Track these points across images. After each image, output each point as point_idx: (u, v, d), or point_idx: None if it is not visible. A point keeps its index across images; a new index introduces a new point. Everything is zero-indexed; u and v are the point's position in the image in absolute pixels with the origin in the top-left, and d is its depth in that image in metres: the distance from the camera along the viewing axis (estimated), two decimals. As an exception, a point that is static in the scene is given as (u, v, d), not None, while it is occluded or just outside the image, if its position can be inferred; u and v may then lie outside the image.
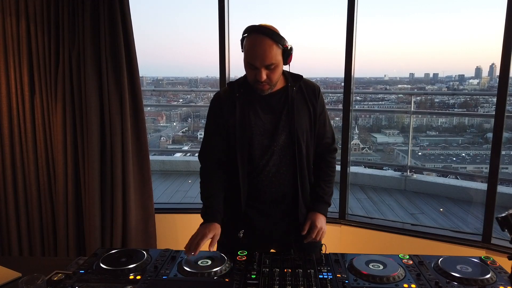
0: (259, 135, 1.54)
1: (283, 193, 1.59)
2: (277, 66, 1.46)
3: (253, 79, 1.47)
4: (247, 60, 1.46)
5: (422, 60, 8.44)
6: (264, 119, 1.55)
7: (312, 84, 1.62)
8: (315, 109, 1.58)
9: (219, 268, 1.34)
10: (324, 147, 1.67)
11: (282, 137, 1.55)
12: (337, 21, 2.78)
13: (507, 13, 2.18)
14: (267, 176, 1.56)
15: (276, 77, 1.48)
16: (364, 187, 4.98)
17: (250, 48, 1.43)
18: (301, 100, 1.57)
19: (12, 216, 2.64)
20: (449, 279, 1.29)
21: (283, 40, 1.45)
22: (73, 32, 2.45)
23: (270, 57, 1.42)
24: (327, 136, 1.66)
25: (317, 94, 1.60)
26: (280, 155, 1.56)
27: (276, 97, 1.56)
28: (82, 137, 2.54)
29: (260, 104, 1.55)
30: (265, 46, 1.41)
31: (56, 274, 1.33)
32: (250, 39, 1.44)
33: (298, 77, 1.60)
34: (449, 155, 6.35)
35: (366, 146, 6.73)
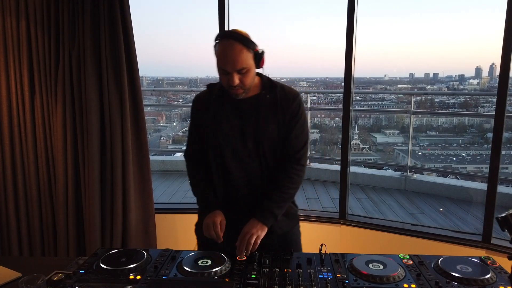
0: (228, 140, 1.57)
1: (250, 197, 1.60)
2: (249, 70, 1.47)
3: (226, 84, 1.49)
4: (219, 65, 1.47)
5: (422, 60, 8.45)
6: (233, 124, 1.57)
7: (290, 92, 1.60)
8: (285, 117, 1.56)
9: (219, 268, 1.34)
10: (287, 154, 1.59)
11: (250, 144, 1.56)
12: (337, 21, 2.78)
13: (507, 13, 2.18)
14: (236, 181, 1.59)
15: (248, 81, 1.50)
16: (364, 187, 4.98)
17: (221, 53, 1.45)
18: (272, 108, 1.56)
19: (12, 216, 2.64)
20: (449, 279, 1.29)
21: (253, 44, 1.47)
22: (73, 32, 2.45)
23: (241, 62, 1.43)
24: (292, 144, 1.59)
25: (290, 102, 1.57)
26: (248, 161, 1.58)
27: (248, 103, 1.57)
28: (82, 137, 2.54)
29: (231, 108, 1.58)
30: (235, 50, 1.43)
31: (56, 274, 1.33)
32: (221, 44, 1.46)
33: (274, 85, 1.60)
34: (449, 155, 6.36)
35: (366, 146, 6.73)
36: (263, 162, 1.58)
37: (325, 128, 6.98)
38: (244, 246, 1.44)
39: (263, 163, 1.58)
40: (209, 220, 1.54)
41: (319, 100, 6.42)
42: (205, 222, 1.55)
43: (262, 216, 1.53)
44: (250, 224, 1.51)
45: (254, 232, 1.47)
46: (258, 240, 1.47)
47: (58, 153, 2.55)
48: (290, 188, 1.60)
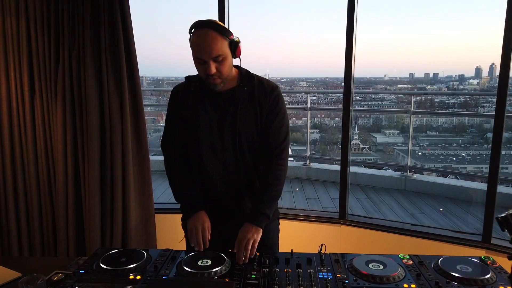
0: (206, 132, 1.56)
1: (227, 194, 1.60)
2: (225, 58, 1.46)
3: (203, 74, 1.48)
4: (195, 55, 1.46)
5: (422, 60, 8.45)
6: (211, 116, 1.56)
7: (268, 85, 1.58)
8: (262, 110, 1.54)
9: (219, 268, 1.34)
10: (268, 149, 1.58)
11: (227, 137, 1.55)
12: (337, 21, 2.78)
13: (507, 13, 2.18)
14: (212, 176, 1.59)
15: (226, 70, 1.48)
16: (364, 187, 4.98)
17: (196, 42, 1.44)
18: (250, 100, 1.55)
19: (12, 216, 2.64)
20: (449, 279, 1.29)
21: (228, 32, 1.46)
22: (73, 32, 2.45)
23: (216, 49, 1.42)
24: (272, 137, 1.57)
25: (268, 95, 1.55)
26: (225, 154, 1.57)
27: (225, 95, 1.56)
28: (82, 137, 2.53)
29: (209, 101, 1.57)
30: (209, 38, 1.42)
31: (56, 274, 1.33)
32: (195, 34, 1.44)
33: (251, 77, 1.58)
34: (449, 155, 6.36)
35: (366, 146, 6.73)
36: (240, 156, 1.55)
37: (325, 128, 6.98)
38: (242, 253, 1.43)
39: (239, 157, 1.55)
40: (194, 225, 1.52)
41: (319, 100, 6.42)
42: (190, 227, 1.53)
43: (255, 219, 1.52)
44: (244, 229, 1.51)
45: (249, 237, 1.46)
46: (255, 244, 1.47)
47: (58, 153, 2.55)
48: (277, 185, 1.59)
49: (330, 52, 8.38)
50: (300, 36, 10.49)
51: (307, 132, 5.37)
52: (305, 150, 5.47)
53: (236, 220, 1.57)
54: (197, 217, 1.55)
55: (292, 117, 7.02)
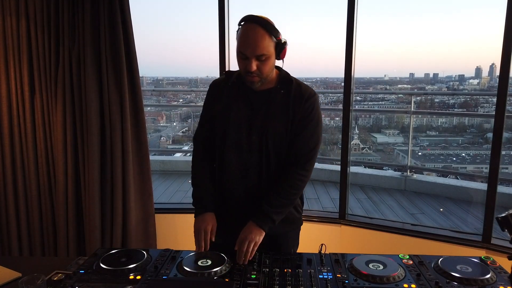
0: (234, 129, 1.53)
1: (247, 194, 1.56)
2: (269, 58, 1.42)
3: (243, 69, 1.45)
4: (238, 49, 1.43)
5: (422, 60, 8.44)
6: (242, 114, 1.53)
7: (306, 90, 1.53)
8: (295, 115, 1.50)
9: (219, 268, 1.33)
10: (293, 156, 1.53)
11: (254, 137, 1.52)
12: (337, 21, 2.78)
13: (507, 13, 2.18)
14: (235, 173, 1.55)
15: (267, 70, 1.45)
16: (364, 187, 4.98)
17: (242, 36, 1.41)
18: (284, 104, 1.51)
19: (12, 216, 2.64)
20: (449, 279, 1.29)
21: (276, 32, 1.42)
22: (73, 32, 2.45)
23: (261, 47, 1.39)
24: (300, 145, 1.52)
25: (303, 101, 1.50)
26: (249, 154, 1.53)
27: (260, 95, 1.53)
28: (82, 137, 2.53)
29: (244, 98, 1.54)
30: (257, 35, 1.38)
31: (56, 274, 1.33)
32: (243, 28, 1.42)
33: (289, 81, 1.54)
34: (449, 155, 6.35)
35: (366, 146, 6.73)
36: (264, 159, 1.52)
37: (325, 128, 6.96)
38: (242, 254, 1.41)
39: (264, 159, 1.52)
40: (201, 225, 1.51)
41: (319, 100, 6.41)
42: (195, 227, 1.53)
43: (259, 220, 1.48)
44: (247, 228, 1.48)
45: (251, 238, 1.43)
46: (256, 247, 1.44)
47: (58, 153, 2.55)
48: (291, 194, 1.54)
49: (330, 52, 8.38)
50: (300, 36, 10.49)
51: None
52: (305, 150, 5.45)
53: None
54: (203, 218, 1.54)
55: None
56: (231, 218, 1.59)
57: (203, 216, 1.55)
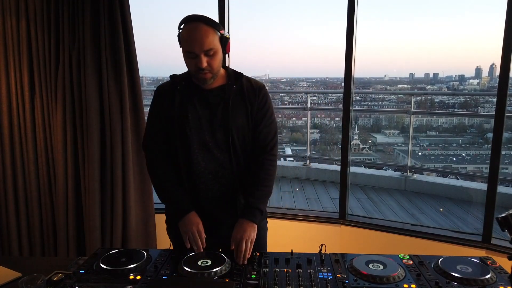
0: (196, 130, 1.54)
1: (221, 192, 1.59)
2: (216, 53, 1.45)
3: (194, 68, 1.46)
4: (185, 49, 1.45)
5: (422, 60, 8.44)
6: (201, 114, 1.54)
7: (256, 83, 1.60)
8: (252, 107, 1.56)
9: (219, 268, 1.33)
10: (259, 145, 1.59)
11: (219, 134, 1.54)
12: (337, 21, 2.78)
13: (507, 13, 2.18)
14: (205, 172, 1.56)
15: (216, 65, 1.47)
16: (364, 187, 4.98)
17: (187, 35, 1.43)
18: (239, 98, 1.55)
19: (12, 216, 2.65)
20: (449, 279, 1.29)
21: (219, 27, 1.45)
22: (73, 32, 2.45)
23: (208, 42, 1.41)
24: (263, 134, 1.59)
25: (257, 93, 1.57)
26: (217, 152, 1.55)
27: (214, 93, 1.55)
28: (82, 137, 2.54)
29: (198, 98, 1.55)
30: (201, 31, 1.41)
31: (56, 274, 1.33)
32: (186, 28, 1.44)
33: (240, 75, 1.59)
34: (449, 155, 6.35)
35: (366, 146, 6.73)
36: (233, 154, 1.54)
37: (325, 128, 6.98)
38: (241, 254, 1.42)
39: (232, 155, 1.54)
40: (189, 228, 1.50)
41: (319, 100, 6.42)
42: (185, 230, 1.51)
43: (249, 215, 1.51)
44: (240, 227, 1.49)
45: (247, 236, 1.45)
46: (252, 243, 1.46)
47: (58, 153, 2.55)
48: (269, 181, 1.59)
49: (330, 52, 8.38)
50: (300, 36, 10.49)
51: (307, 132, 5.38)
52: (305, 150, 5.47)
53: (231, 219, 1.56)
54: (190, 219, 1.53)
55: (292, 117, 7.02)
56: (208, 218, 1.59)
57: (188, 218, 1.53)
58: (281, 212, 2.91)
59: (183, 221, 1.53)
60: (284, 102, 6.72)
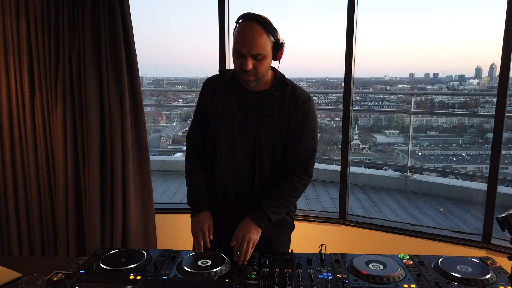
0: (226, 129, 1.50)
1: (238, 198, 1.54)
2: (265, 58, 1.40)
3: (239, 68, 1.42)
4: (234, 47, 1.40)
5: (422, 60, 8.44)
6: (235, 115, 1.50)
7: (300, 93, 1.51)
8: (290, 120, 1.48)
9: (219, 268, 1.33)
10: (292, 164, 1.52)
11: (247, 139, 1.49)
12: (337, 21, 2.78)
13: (507, 13, 2.18)
14: (225, 174, 1.53)
15: (263, 70, 1.42)
16: (364, 187, 4.98)
17: (239, 34, 1.38)
18: (278, 107, 1.48)
19: (12, 216, 2.64)
20: (449, 279, 1.29)
21: (275, 32, 1.39)
22: (73, 32, 2.45)
23: (258, 46, 1.36)
24: (299, 153, 1.51)
25: (298, 106, 1.48)
26: (242, 157, 1.50)
27: (254, 97, 1.50)
28: (82, 137, 2.53)
29: (237, 98, 1.51)
30: (254, 33, 1.36)
31: (56, 274, 1.33)
32: (241, 25, 1.39)
33: (284, 84, 1.51)
34: (449, 155, 6.35)
35: (366, 146, 6.73)
36: (258, 162, 1.49)
37: (325, 128, 6.98)
38: (242, 253, 1.40)
39: (257, 162, 1.49)
40: (197, 226, 1.52)
41: (319, 100, 6.42)
42: (194, 227, 1.53)
43: (256, 217, 1.46)
44: (245, 226, 1.46)
45: (249, 238, 1.42)
46: (253, 246, 1.44)
47: (58, 153, 2.55)
48: (291, 196, 1.52)
49: (330, 53, 8.38)
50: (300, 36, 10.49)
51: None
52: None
53: None
54: (199, 218, 1.54)
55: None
56: (222, 219, 1.58)
57: (199, 217, 1.55)
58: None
59: (195, 219, 1.55)
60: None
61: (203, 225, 1.51)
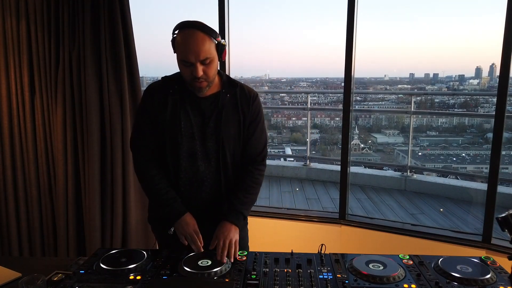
0: (187, 137, 1.51)
1: (207, 201, 1.57)
2: (212, 61, 1.42)
3: (189, 77, 1.43)
4: (181, 57, 1.41)
5: (422, 60, 8.44)
6: (193, 122, 1.51)
7: (249, 91, 1.57)
8: (245, 117, 1.54)
9: (219, 268, 1.34)
10: (250, 156, 1.60)
11: (209, 143, 1.52)
12: (337, 21, 2.78)
13: (507, 13, 2.18)
14: (192, 180, 1.55)
15: (212, 73, 1.45)
16: (364, 187, 4.98)
17: (183, 43, 1.39)
18: (233, 107, 1.53)
19: (12, 216, 2.65)
20: (449, 279, 1.29)
21: (215, 34, 1.42)
22: (73, 32, 2.45)
23: (204, 51, 1.38)
24: (255, 145, 1.59)
25: (250, 102, 1.55)
26: (206, 161, 1.53)
27: (208, 101, 1.52)
28: (82, 137, 2.54)
29: (191, 105, 1.52)
30: (198, 39, 1.37)
31: (56, 274, 1.33)
32: (182, 35, 1.40)
33: (234, 84, 1.56)
34: (449, 155, 6.35)
35: (366, 146, 6.73)
36: (222, 164, 1.54)
37: (325, 128, 6.98)
38: (226, 252, 1.41)
39: (221, 164, 1.54)
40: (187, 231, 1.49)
41: (319, 100, 6.43)
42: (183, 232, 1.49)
43: (233, 218, 1.52)
44: (224, 227, 1.49)
45: (230, 238, 1.45)
46: (237, 243, 1.47)
47: (58, 153, 2.55)
48: (255, 189, 1.60)
49: (330, 52, 8.38)
50: (300, 36, 10.49)
51: (307, 132, 5.38)
52: (305, 150, 5.48)
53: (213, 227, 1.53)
54: (186, 221, 1.51)
55: (292, 117, 7.02)
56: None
57: (184, 220, 1.52)
58: (281, 212, 2.92)
59: (180, 223, 1.51)
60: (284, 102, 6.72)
61: (194, 227, 1.51)
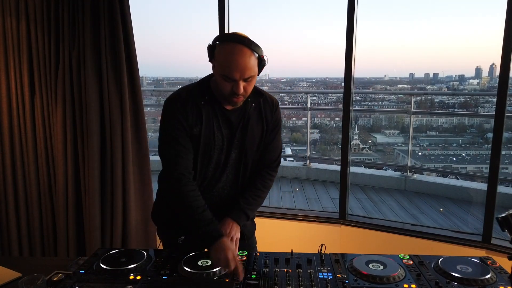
0: (218, 150, 1.50)
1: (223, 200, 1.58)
2: (254, 78, 1.39)
3: (229, 92, 1.38)
4: (222, 72, 1.35)
5: (422, 60, 8.44)
6: (224, 134, 1.49)
7: (271, 99, 1.58)
8: (268, 125, 1.55)
9: (219, 268, 1.33)
10: (266, 162, 1.61)
11: (233, 154, 1.53)
12: (337, 21, 2.78)
13: (507, 13, 2.18)
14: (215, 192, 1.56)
15: (251, 89, 1.42)
16: (364, 187, 4.98)
17: (228, 59, 1.33)
18: (257, 116, 1.53)
19: (12, 216, 2.65)
20: (449, 279, 1.29)
21: (259, 49, 1.36)
22: (73, 32, 2.45)
23: (249, 69, 1.34)
24: (272, 152, 1.60)
25: (273, 110, 1.56)
26: (229, 172, 1.55)
27: (236, 113, 1.50)
28: (82, 137, 2.54)
29: (222, 117, 1.49)
30: (245, 58, 1.32)
31: (56, 274, 1.33)
32: (227, 48, 1.34)
33: (260, 93, 1.53)
34: (449, 155, 6.36)
35: (366, 146, 6.74)
36: (242, 173, 1.56)
37: (325, 128, 6.99)
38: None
39: (241, 174, 1.56)
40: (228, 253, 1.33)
41: (319, 100, 6.43)
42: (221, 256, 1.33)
43: (237, 216, 1.53)
44: (227, 225, 1.50)
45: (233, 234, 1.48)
46: (237, 242, 1.48)
47: (58, 153, 2.55)
48: (264, 193, 1.61)
49: (330, 52, 8.38)
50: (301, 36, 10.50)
51: (307, 132, 5.38)
52: (305, 150, 5.47)
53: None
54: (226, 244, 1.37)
55: (292, 117, 7.02)
56: None
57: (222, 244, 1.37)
58: (281, 212, 2.91)
59: (216, 247, 1.37)
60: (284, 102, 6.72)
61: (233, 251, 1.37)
